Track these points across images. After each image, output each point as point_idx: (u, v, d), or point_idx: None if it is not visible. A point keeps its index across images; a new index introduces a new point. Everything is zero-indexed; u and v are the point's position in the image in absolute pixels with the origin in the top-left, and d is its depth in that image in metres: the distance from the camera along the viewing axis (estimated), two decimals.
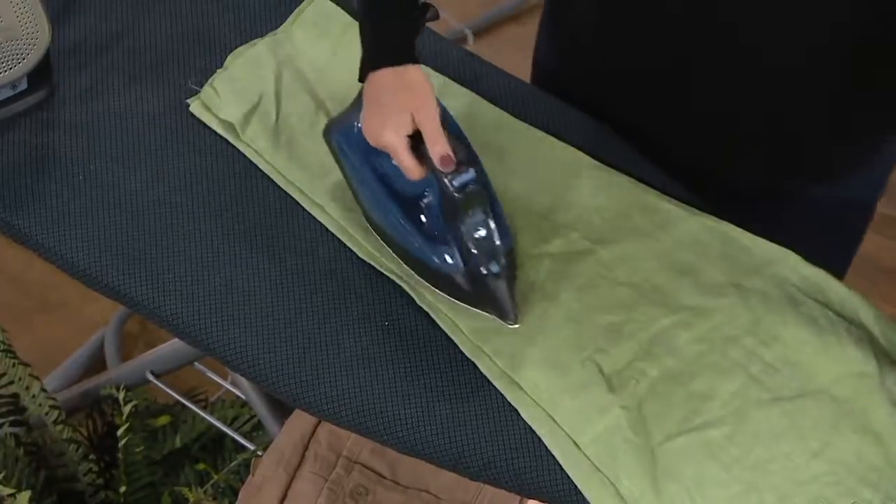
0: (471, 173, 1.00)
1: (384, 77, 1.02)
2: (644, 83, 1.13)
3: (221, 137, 1.19)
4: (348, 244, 1.11)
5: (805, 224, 1.17)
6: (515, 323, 1.04)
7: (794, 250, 1.07)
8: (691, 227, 1.09)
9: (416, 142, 1.01)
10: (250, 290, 1.08)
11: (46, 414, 1.53)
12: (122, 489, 1.47)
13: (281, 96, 1.22)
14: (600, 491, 0.95)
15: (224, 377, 1.56)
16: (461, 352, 1.04)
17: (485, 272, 1.02)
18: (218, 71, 1.24)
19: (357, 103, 1.08)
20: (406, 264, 1.08)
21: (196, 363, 1.56)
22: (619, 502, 0.95)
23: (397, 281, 1.08)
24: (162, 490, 1.52)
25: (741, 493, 0.93)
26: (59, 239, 1.11)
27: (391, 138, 1.01)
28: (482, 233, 1.01)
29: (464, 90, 1.22)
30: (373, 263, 1.10)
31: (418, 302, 1.06)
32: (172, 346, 1.57)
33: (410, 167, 1.01)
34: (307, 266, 1.10)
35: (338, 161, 1.12)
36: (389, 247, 1.09)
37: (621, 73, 1.15)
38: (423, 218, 1.07)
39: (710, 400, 0.98)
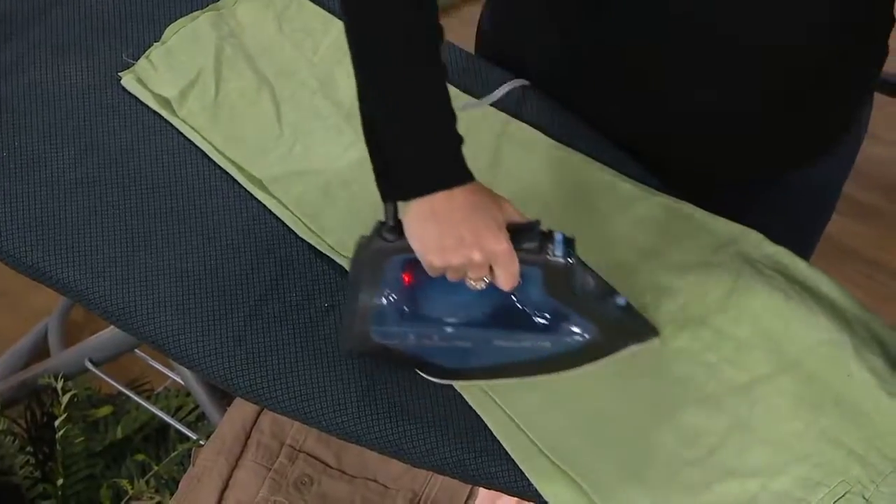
0: (559, 235, 0.93)
1: (454, 197, 0.88)
2: (609, 67, 1.10)
3: (155, 113, 1.17)
4: (288, 223, 1.09)
5: (775, 209, 1.16)
6: (658, 334, 1.00)
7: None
8: (651, 207, 1.08)
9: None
10: (183, 270, 1.06)
11: None
12: (60, 482, 1.45)
13: (221, 72, 1.20)
14: (548, 477, 0.93)
15: (170, 366, 1.54)
16: None
17: (618, 311, 0.97)
18: (155, 44, 1.22)
19: (374, 287, 0.96)
20: (526, 376, 1.00)
21: (137, 351, 1.55)
22: (571, 488, 0.93)
23: (338, 260, 1.05)
24: (102, 482, 1.49)
25: (716, 483, 0.91)
26: None
27: (499, 246, 0.89)
28: (595, 278, 0.97)
29: None
30: (312, 242, 1.08)
31: None
32: (111, 333, 1.55)
33: (517, 273, 0.91)
34: (244, 245, 1.08)
35: (383, 354, 1.00)
36: (496, 376, 1.00)
37: (582, 56, 1.11)
38: (516, 323, 0.99)
39: (681, 386, 0.96)
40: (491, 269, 0.91)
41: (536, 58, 1.15)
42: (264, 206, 1.10)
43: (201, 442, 1.40)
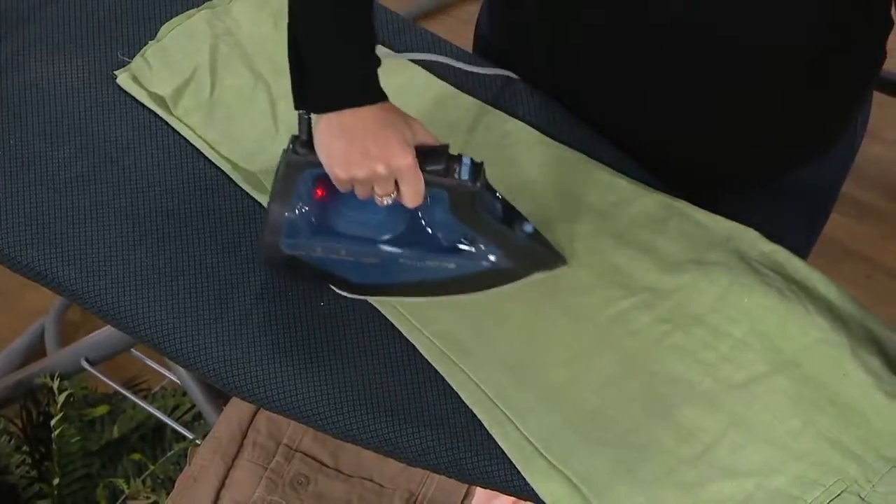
0: (468, 159, 0.96)
1: (362, 115, 0.93)
2: (605, 68, 1.09)
3: (150, 111, 1.16)
4: None
5: (771, 208, 1.16)
6: (566, 262, 1.03)
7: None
8: (647, 205, 1.08)
9: None
10: (179, 269, 1.05)
11: None
12: (56, 481, 1.45)
13: (217, 70, 1.19)
14: (544, 475, 0.93)
15: (166, 365, 1.54)
16: (401, 334, 1.02)
17: (524, 236, 1.00)
18: (150, 42, 1.21)
19: (286, 193, 0.99)
20: (433, 295, 1.02)
21: (133, 350, 1.54)
22: (566, 486, 0.92)
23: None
24: (98, 482, 1.49)
25: (712, 482, 0.91)
26: None
27: (404, 161, 0.92)
28: (503, 204, 0.99)
29: (409, 63, 1.19)
30: None
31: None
32: (108, 332, 1.55)
33: (420, 190, 0.94)
34: (239, 244, 1.08)
35: (294, 266, 1.03)
36: (403, 293, 1.03)
37: (578, 56, 1.11)
38: (422, 243, 1.01)
39: (677, 384, 0.96)
40: (397, 186, 0.94)
41: (532, 58, 1.15)
42: (260, 204, 1.09)
43: (198, 441, 1.39)
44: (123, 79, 1.18)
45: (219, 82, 1.18)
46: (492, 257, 1.01)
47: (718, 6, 0.97)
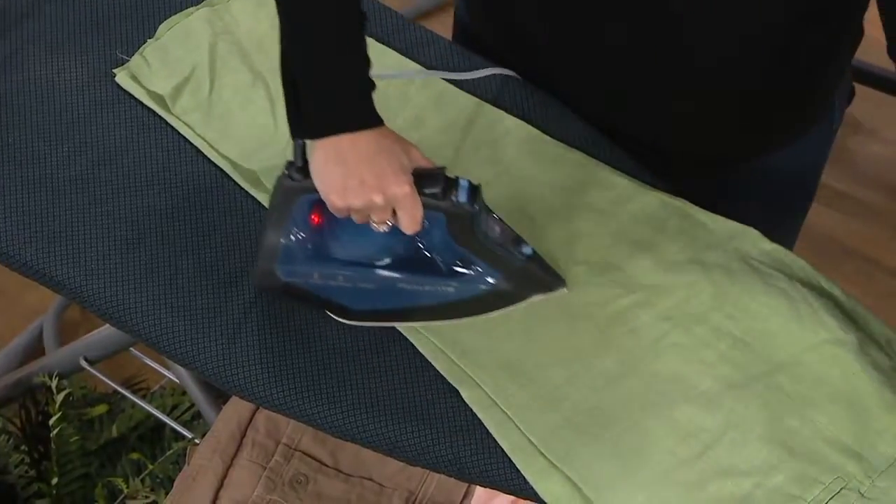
0: (465, 182, 0.95)
1: (359, 141, 0.91)
2: (578, 56, 1.10)
3: (149, 110, 1.16)
4: None
5: (750, 195, 1.17)
6: (565, 284, 1.02)
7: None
8: (647, 203, 1.08)
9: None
10: (178, 268, 1.05)
11: None
12: (55, 481, 1.45)
13: (215, 68, 1.19)
14: (543, 474, 0.93)
15: (165, 364, 1.54)
16: (400, 334, 1.01)
17: (523, 259, 0.99)
18: (149, 40, 1.21)
19: (282, 221, 0.98)
20: (432, 320, 1.02)
21: (132, 349, 1.54)
22: (566, 485, 0.92)
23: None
24: (97, 481, 1.49)
25: (711, 481, 0.91)
26: None
27: (401, 189, 0.91)
28: (501, 226, 0.99)
29: (406, 61, 1.19)
30: None
31: None
32: (107, 331, 1.54)
33: (419, 217, 0.93)
34: (238, 243, 1.07)
35: (291, 293, 1.02)
36: (403, 319, 1.02)
37: (551, 42, 1.11)
38: (420, 267, 1.01)
39: (676, 383, 0.96)
40: (395, 212, 0.93)
41: (505, 42, 1.15)
42: (259, 202, 1.09)
43: (196, 441, 1.39)
44: (122, 77, 1.17)
45: (218, 80, 1.18)
46: (490, 280, 1.00)
47: None
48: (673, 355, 0.97)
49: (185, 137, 1.14)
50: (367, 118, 0.92)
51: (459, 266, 1.00)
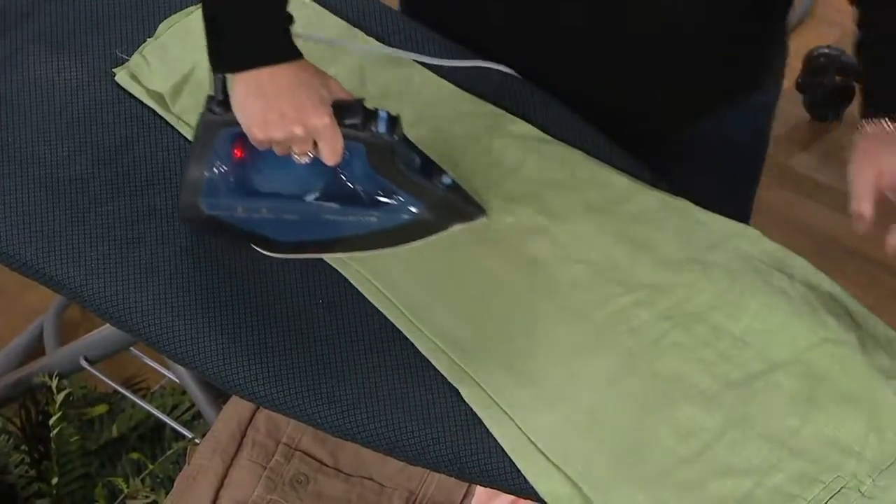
0: (384, 112, 0.97)
1: (278, 74, 0.94)
2: (534, 38, 1.12)
3: (149, 109, 1.16)
4: None
5: (692, 162, 1.19)
6: (486, 214, 1.04)
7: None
8: (646, 202, 1.08)
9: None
10: (177, 266, 1.05)
11: None
12: (55, 481, 1.45)
13: None
14: (544, 474, 0.93)
15: (165, 364, 1.54)
16: (400, 333, 1.01)
17: (443, 188, 1.01)
18: (149, 40, 1.21)
19: (204, 156, 1.00)
20: (356, 251, 1.04)
21: (133, 349, 1.54)
22: (566, 484, 0.92)
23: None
24: (97, 481, 1.49)
25: (711, 480, 0.91)
26: None
27: (321, 120, 0.94)
28: (421, 156, 1.01)
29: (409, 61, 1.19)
30: None
31: (353, 283, 1.04)
32: (107, 331, 1.54)
33: (339, 148, 0.96)
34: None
35: (216, 226, 1.04)
36: (327, 250, 1.04)
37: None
38: (343, 197, 1.03)
39: (676, 382, 0.96)
40: (316, 144, 0.95)
41: (456, 20, 1.17)
42: None
43: (197, 440, 1.39)
44: (122, 76, 1.18)
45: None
46: (412, 209, 1.02)
47: None
48: (673, 354, 0.97)
49: (184, 137, 1.13)
50: (285, 51, 0.95)
51: (381, 196, 1.02)
